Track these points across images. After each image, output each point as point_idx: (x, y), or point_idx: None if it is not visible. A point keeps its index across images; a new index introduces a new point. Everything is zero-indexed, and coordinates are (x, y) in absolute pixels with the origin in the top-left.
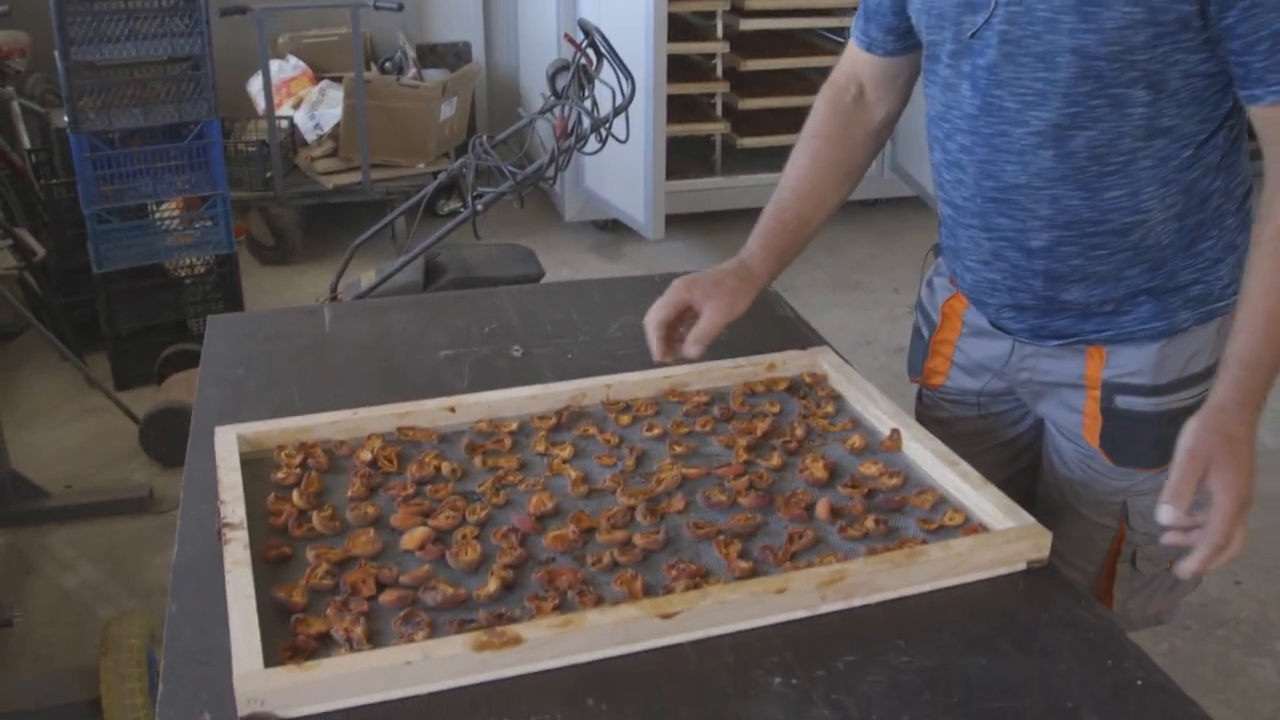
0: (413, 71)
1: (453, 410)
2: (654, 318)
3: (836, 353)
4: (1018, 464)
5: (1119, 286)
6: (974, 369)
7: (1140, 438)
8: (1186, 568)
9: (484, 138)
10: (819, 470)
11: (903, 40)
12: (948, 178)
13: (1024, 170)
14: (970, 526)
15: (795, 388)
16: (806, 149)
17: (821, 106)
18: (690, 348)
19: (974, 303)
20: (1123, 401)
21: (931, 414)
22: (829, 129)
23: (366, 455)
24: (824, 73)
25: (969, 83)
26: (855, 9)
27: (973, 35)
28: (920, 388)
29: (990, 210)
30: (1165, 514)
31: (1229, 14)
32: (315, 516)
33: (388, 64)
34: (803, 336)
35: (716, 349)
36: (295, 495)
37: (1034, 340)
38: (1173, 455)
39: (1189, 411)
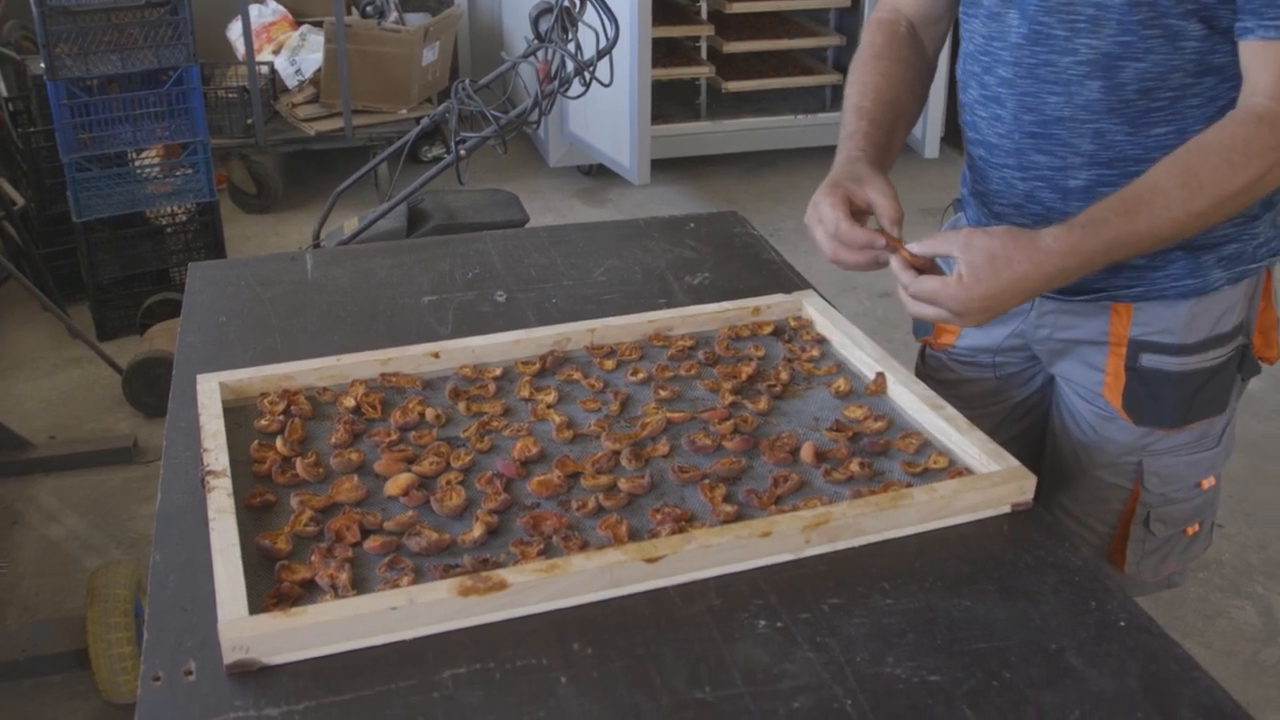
0: (394, 15)
1: (436, 356)
2: (831, 217)
3: (822, 297)
4: (1025, 423)
5: None
6: (989, 324)
7: (1164, 397)
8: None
9: (467, 82)
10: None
11: None
12: (983, 114)
13: (1069, 102)
14: (954, 470)
15: (780, 331)
16: (875, 67)
17: (877, 34)
18: (893, 227)
19: None
20: (1149, 360)
21: (937, 375)
22: (892, 50)
23: (350, 402)
24: (812, 15)
25: (1017, 10)
26: None
27: None
28: (924, 349)
29: (1028, 147)
30: (912, 246)
31: None
32: (299, 463)
33: (369, 8)
34: (788, 281)
35: (701, 292)
36: (279, 442)
37: (1059, 295)
38: (1193, 415)
39: (1214, 372)
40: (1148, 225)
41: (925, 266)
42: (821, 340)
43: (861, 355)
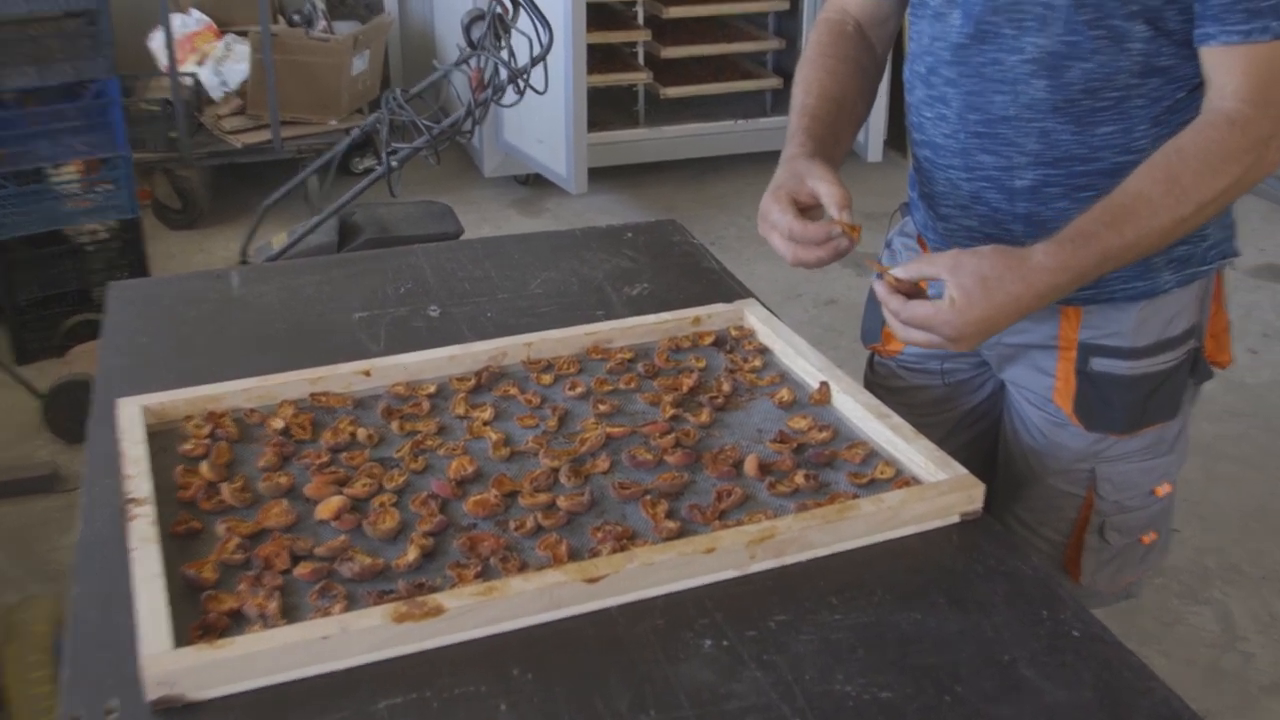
0: (322, 24)
1: (368, 374)
2: (782, 221)
3: (764, 305)
4: (974, 430)
5: None
6: None
7: (1114, 401)
8: (876, 287)
9: (398, 92)
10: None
11: None
12: (929, 115)
13: (1014, 101)
14: (902, 479)
15: (721, 342)
16: (820, 65)
17: (823, 33)
18: (842, 212)
19: None
20: (1098, 364)
21: (886, 383)
22: (838, 49)
23: (278, 423)
24: (751, 19)
25: (962, 10)
26: None
27: None
28: (872, 356)
29: (973, 147)
30: (897, 270)
31: None
32: (225, 488)
33: (296, 16)
34: (729, 289)
35: (640, 303)
36: (204, 467)
37: None
38: (1145, 420)
39: (1166, 376)
40: (1135, 235)
41: (911, 291)
42: (764, 350)
43: (805, 365)
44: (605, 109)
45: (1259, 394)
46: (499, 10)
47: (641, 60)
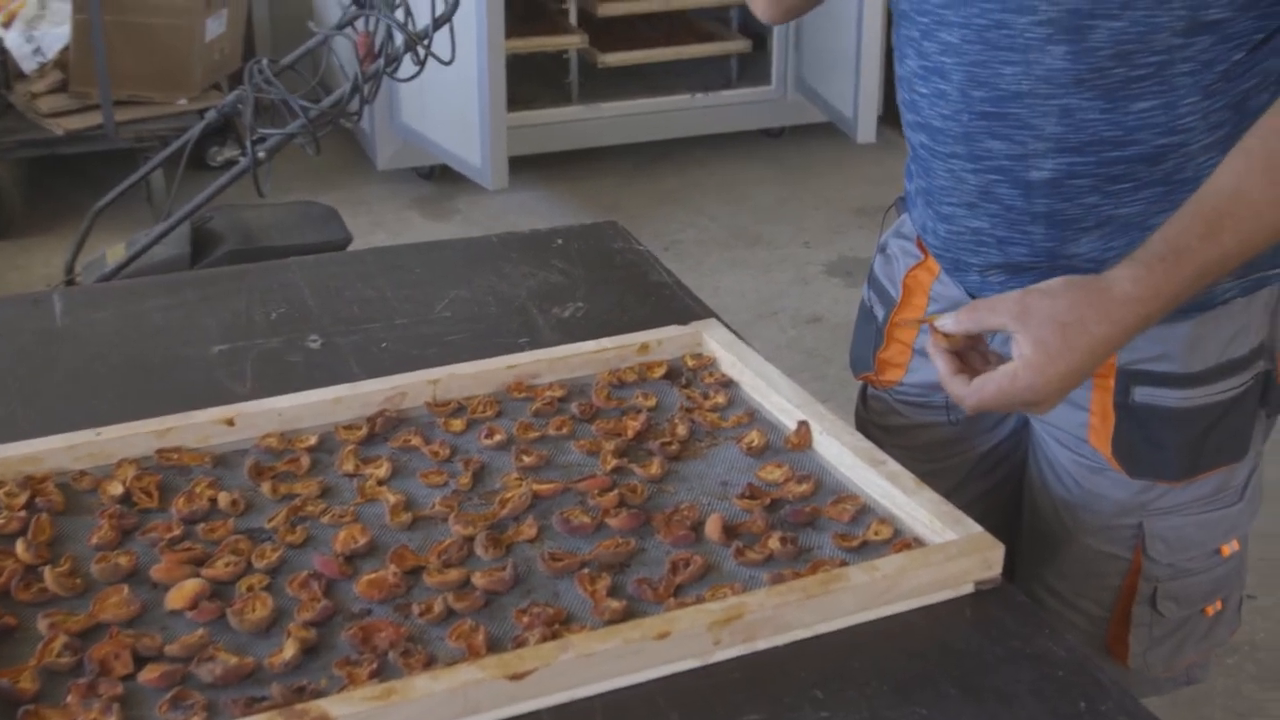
0: None
1: (231, 423)
2: None
3: (727, 327)
4: (992, 479)
5: (1145, 238)
6: None
7: (1165, 441)
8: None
9: (265, 63)
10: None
11: None
12: (923, 91)
13: (1028, 73)
14: (901, 541)
15: (675, 374)
16: None
17: None
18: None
19: (949, 267)
20: (1143, 395)
21: (881, 421)
22: None
23: (116, 489)
24: None
25: None
26: None
27: None
28: (865, 388)
29: (980, 131)
30: (944, 320)
31: None
32: (48, 573)
33: None
34: (684, 308)
35: (573, 327)
36: (20, 546)
37: None
38: (1203, 463)
39: (1229, 407)
40: (1237, 242)
41: (966, 346)
42: (728, 383)
43: (779, 400)
44: (529, 82)
45: None
46: None
47: (574, 20)
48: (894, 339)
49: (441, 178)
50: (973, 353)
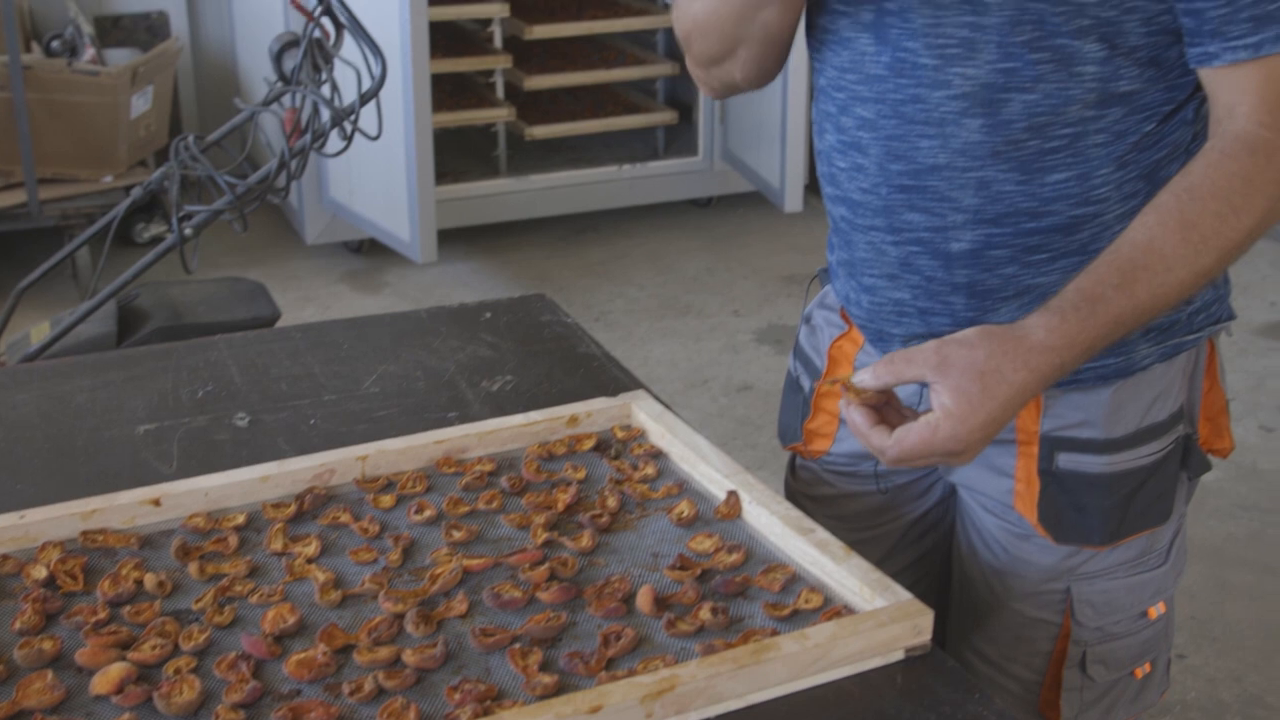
0: (90, 53)
1: (157, 503)
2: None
3: (656, 398)
4: (922, 546)
5: None
6: None
7: (1089, 506)
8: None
9: (191, 139)
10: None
11: None
12: (842, 165)
13: (944, 146)
14: (832, 609)
15: (605, 446)
16: None
17: None
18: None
19: (873, 338)
20: (1067, 461)
21: (810, 491)
22: None
23: (40, 572)
24: (633, 38)
25: (872, 35)
26: None
27: None
28: (794, 458)
29: (899, 204)
30: (861, 376)
31: None
32: None
33: (55, 43)
34: (613, 380)
35: (502, 400)
36: None
37: None
38: (1127, 527)
39: (1151, 471)
40: (1149, 294)
41: (879, 401)
42: (657, 454)
43: (708, 470)
44: (457, 155)
45: (1275, 482)
46: (318, 35)
47: (501, 93)
48: (821, 409)
49: (371, 251)
50: (887, 408)
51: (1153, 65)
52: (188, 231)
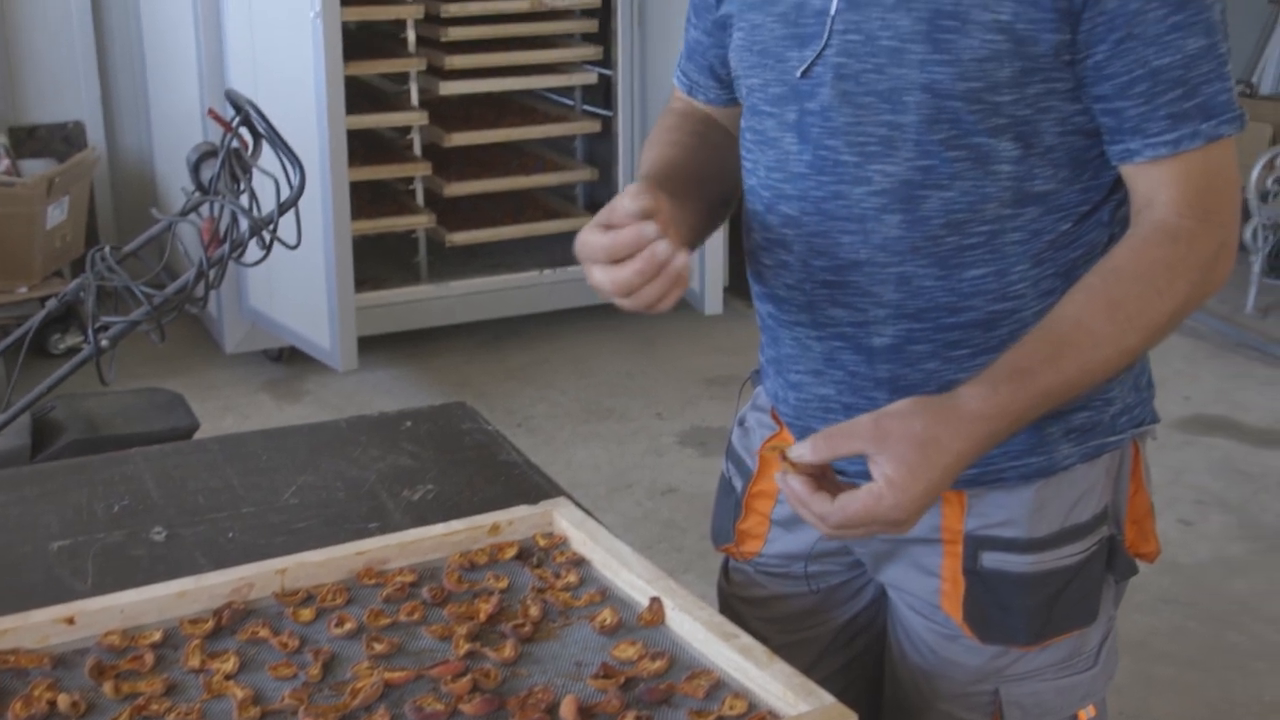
0: (5, 164)
1: (71, 621)
2: (591, 240)
3: (577, 505)
4: (855, 648)
5: None
6: (793, 523)
7: (1014, 606)
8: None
9: (107, 249)
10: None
11: (729, 91)
12: (768, 263)
13: (865, 242)
14: (756, 715)
15: (527, 554)
16: (664, 140)
17: (667, 117)
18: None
19: (800, 435)
20: (991, 560)
21: (742, 593)
22: (686, 125)
23: None
24: (551, 144)
25: (795, 134)
26: (579, 64)
27: (802, 74)
28: (727, 561)
29: (822, 299)
30: (798, 449)
31: (1097, 49)
32: None
33: None
34: (534, 487)
35: (423, 510)
36: None
37: None
38: (1053, 628)
39: (1075, 571)
40: (1078, 369)
41: (818, 473)
42: (580, 561)
43: (630, 577)
44: (377, 262)
45: (1195, 576)
46: (235, 145)
47: (421, 200)
48: (752, 510)
49: (291, 359)
50: (823, 479)
51: (1068, 166)
52: (104, 343)
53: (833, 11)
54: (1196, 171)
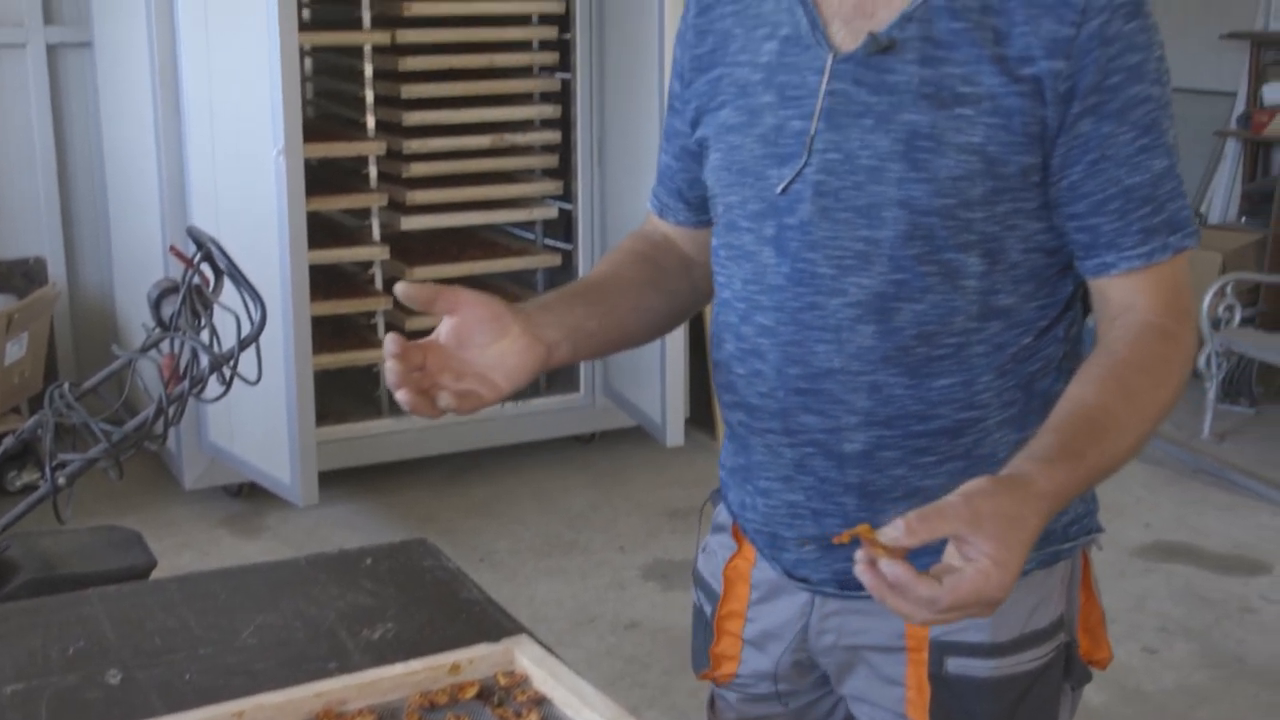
0: None
1: None
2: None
3: (539, 642)
4: None
5: None
6: (763, 639)
7: (977, 712)
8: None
9: (66, 386)
10: None
11: (697, 214)
12: (741, 372)
13: (840, 351)
14: None
15: (488, 693)
16: (607, 254)
17: (624, 241)
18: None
19: (766, 543)
20: (955, 665)
21: (724, 719)
22: (630, 245)
23: None
24: (514, 278)
25: (773, 248)
26: (542, 198)
27: (782, 190)
28: (711, 688)
29: (795, 407)
30: (891, 533)
31: (1072, 170)
32: None
33: None
34: (495, 625)
35: (383, 649)
36: None
37: (840, 591)
38: None
39: (1035, 677)
40: (1111, 455)
41: (901, 555)
42: (541, 700)
43: (592, 716)
44: (339, 396)
45: (1162, 703)
46: (197, 281)
47: (383, 333)
48: (724, 632)
49: (251, 494)
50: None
51: (1029, 281)
52: (61, 481)
53: (813, 132)
54: (1166, 282)
